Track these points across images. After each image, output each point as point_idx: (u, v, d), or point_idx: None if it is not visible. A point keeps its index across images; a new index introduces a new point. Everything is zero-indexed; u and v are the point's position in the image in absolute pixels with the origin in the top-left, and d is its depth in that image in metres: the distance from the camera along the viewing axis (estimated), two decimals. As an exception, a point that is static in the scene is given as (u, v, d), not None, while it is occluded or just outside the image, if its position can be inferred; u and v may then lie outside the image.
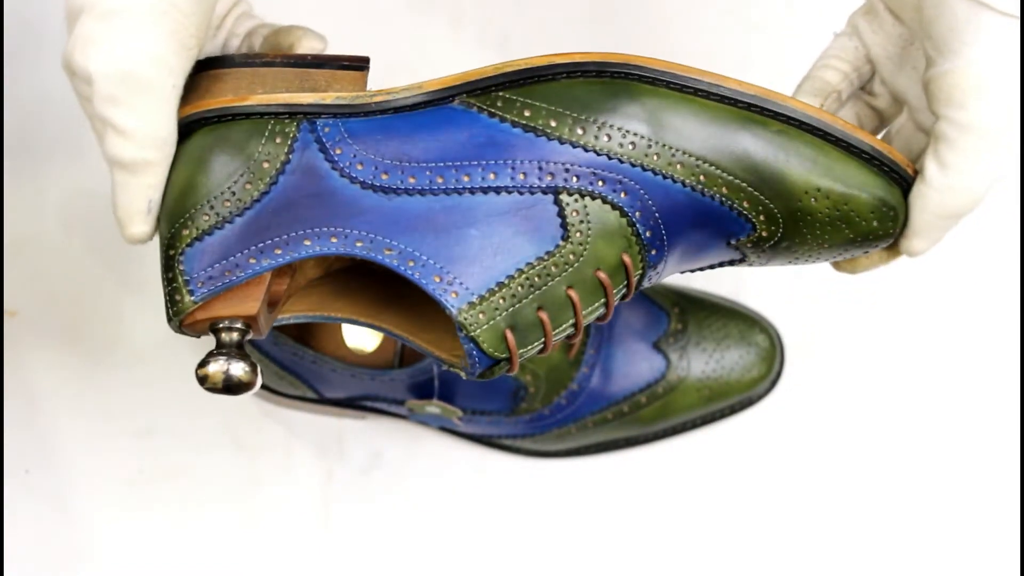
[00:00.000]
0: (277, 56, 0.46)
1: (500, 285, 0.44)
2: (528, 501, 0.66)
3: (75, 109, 0.49)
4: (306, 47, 0.48)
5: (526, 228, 0.44)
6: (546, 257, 0.44)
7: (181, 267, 0.43)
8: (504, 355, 0.44)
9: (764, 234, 0.45)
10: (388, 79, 0.72)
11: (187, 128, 0.45)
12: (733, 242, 0.46)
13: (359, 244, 0.43)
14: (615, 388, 0.63)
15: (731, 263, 0.48)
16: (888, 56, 0.49)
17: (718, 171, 0.44)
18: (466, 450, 0.67)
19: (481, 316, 0.44)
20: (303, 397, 0.65)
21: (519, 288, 0.44)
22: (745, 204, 0.44)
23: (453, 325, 0.46)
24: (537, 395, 0.62)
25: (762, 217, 0.45)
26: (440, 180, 0.44)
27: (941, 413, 0.67)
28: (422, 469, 0.66)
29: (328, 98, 0.45)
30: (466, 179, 0.44)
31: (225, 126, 0.44)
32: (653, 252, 0.45)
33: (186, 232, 0.43)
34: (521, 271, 0.44)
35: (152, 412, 0.67)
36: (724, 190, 0.44)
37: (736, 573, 0.65)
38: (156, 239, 0.46)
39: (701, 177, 0.44)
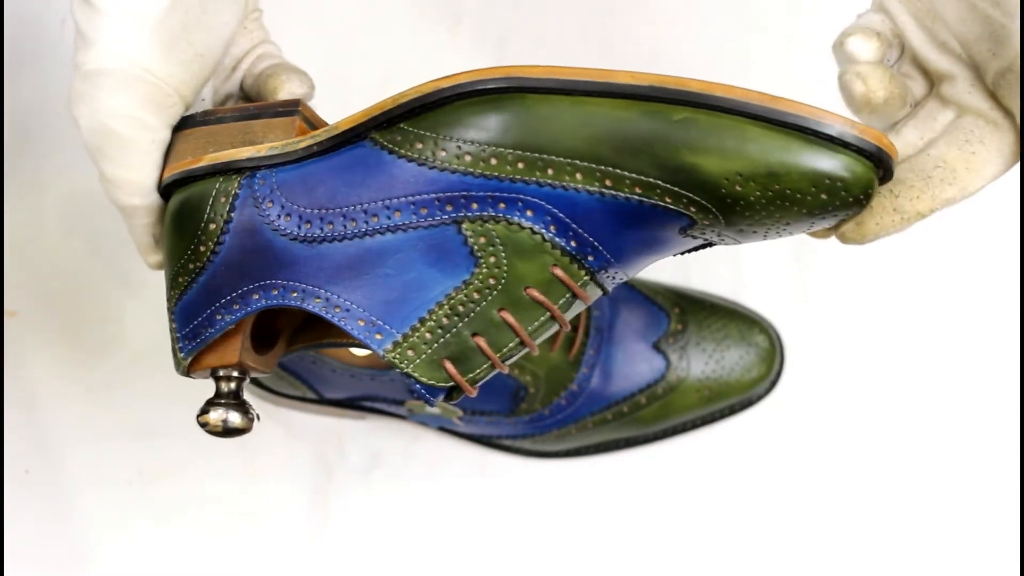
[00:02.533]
0: (228, 110, 0.48)
1: (422, 320, 0.44)
2: (528, 501, 0.66)
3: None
4: (286, 92, 0.49)
5: (437, 261, 0.44)
6: (463, 286, 0.44)
7: (174, 325, 0.47)
8: (450, 383, 0.45)
9: (706, 222, 0.42)
10: (388, 80, 0.73)
11: (166, 192, 0.48)
12: (685, 232, 0.43)
13: (294, 295, 0.44)
14: (615, 388, 0.63)
15: (703, 247, 0.46)
16: (918, 28, 0.46)
17: (623, 172, 0.42)
18: (466, 450, 0.67)
19: (410, 353, 0.44)
20: (303, 397, 0.65)
21: (444, 320, 0.44)
22: (667, 199, 0.42)
23: None
24: (537, 395, 0.62)
25: (692, 208, 0.42)
26: (352, 224, 0.44)
27: (941, 413, 0.67)
28: (422, 469, 0.66)
29: (263, 150, 0.46)
30: (375, 220, 0.44)
31: (187, 188, 0.46)
32: (590, 259, 0.44)
33: (173, 292, 0.47)
34: (441, 304, 0.44)
35: (152, 412, 0.67)
36: (637, 190, 0.42)
37: (736, 573, 0.65)
38: None
39: (607, 182, 0.42)
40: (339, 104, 0.58)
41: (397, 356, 0.44)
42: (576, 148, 0.42)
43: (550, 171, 0.42)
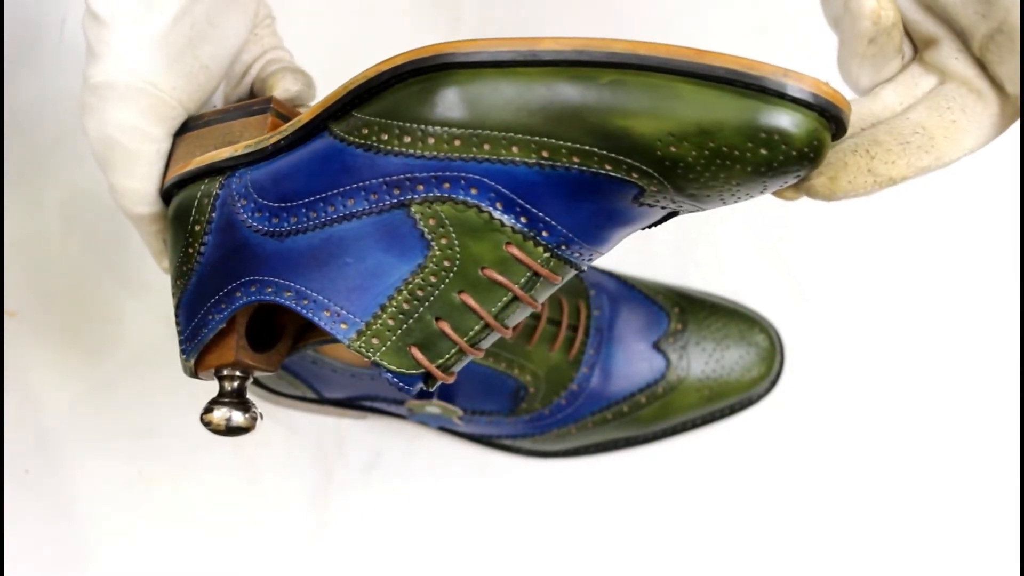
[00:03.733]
0: (211, 113, 0.48)
1: (383, 307, 0.44)
2: (528, 501, 0.66)
3: (75, 110, 0.49)
4: (280, 90, 0.50)
5: (391, 246, 0.44)
6: (418, 270, 0.44)
7: (179, 327, 0.47)
8: (420, 371, 0.45)
9: (653, 189, 0.41)
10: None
11: (166, 197, 0.49)
12: (639, 200, 0.42)
13: (269, 289, 0.45)
14: (615, 388, 0.63)
15: (669, 216, 0.44)
16: None
17: (558, 142, 0.40)
18: (466, 450, 0.67)
19: (375, 341, 0.44)
20: (303, 397, 0.65)
21: (404, 305, 0.44)
22: (607, 167, 0.40)
23: None
24: (537, 395, 0.62)
25: (635, 175, 0.40)
26: (313, 215, 0.44)
27: (941, 413, 0.67)
28: (422, 469, 0.67)
29: (239, 149, 0.46)
30: (332, 209, 0.44)
31: (179, 193, 0.48)
32: (544, 234, 0.43)
33: (175, 295, 0.48)
34: (399, 289, 0.44)
35: (152, 412, 0.67)
36: (576, 159, 0.41)
37: (736, 573, 0.65)
38: None
39: (544, 153, 0.41)
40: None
41: (363, 345, 0.44)
42: (508, 121, 0.41)
43: (486, 146, 0.41)
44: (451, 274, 0.43)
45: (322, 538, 0.65)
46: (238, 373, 0.47)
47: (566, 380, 0.62)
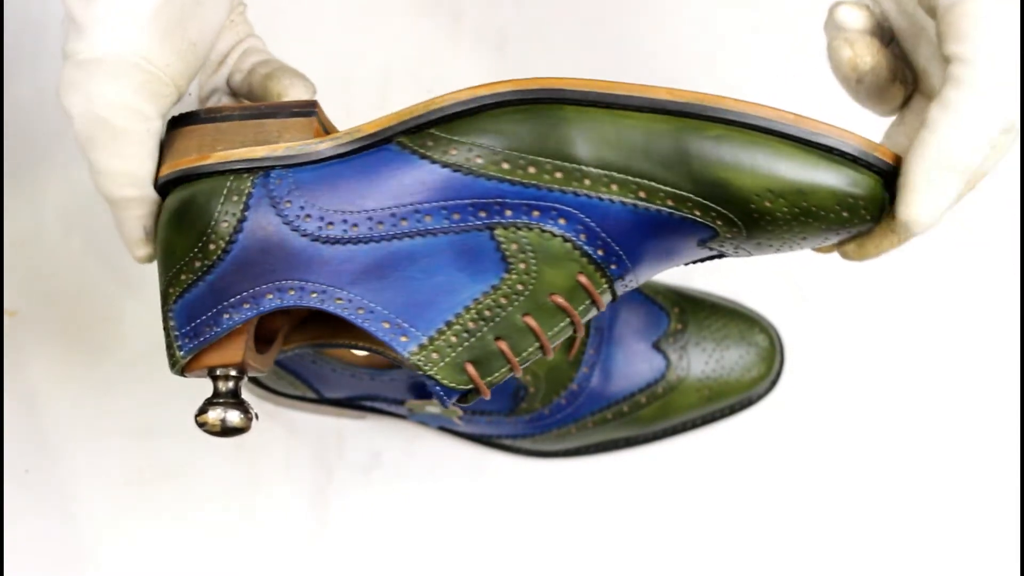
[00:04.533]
0: (235, 108, 0.47)
1: (448, 324, 0.44)
2: (528, 501, 0.66)
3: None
4: (294, 96, 0.49)
5: (467, 266, 0.44)
6: (491, 291, 0.44)
7: (172, 322, 0.46)
8: (469, 386, 0.45)
9: (728, 235, 0.44)
10: (388, 80, 0.73)
11: (166, 187, 0.47)
12: (703, 243, 0.45)
13: (313, 296, 0.44)
14: (615, 388, 0.63)
15: (712, 259, 0.47)
16: (900, 12, 0.46)
17: (658, 185, 0.43)
18: (466, 450, 0.67)
19: (434, 355, 0.45)
20: (303, 397, 0.65)
21: (470, 324, 0.45)
22: (696, 212, 0.43)
23: None
24: (537, 395, 0.62)
25: (719, 222, 0.43)
26: (381, 227, 0.44)
27: (941, 413, 0.67)
28: (422, 469, 0.67)
29: (279, 149, 0.45)
30: (404, 224, 0.44)
31: (192, 185, 0.46)
32: (613, 267, 0.45)
33: (172, 290, 0.46)
34: (468, 308, 0.44)
35: (152, 412, 0.67)
36: (670, 202, 0.43)
37: (736, 573, 0.65)
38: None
39: (641, 193, 0.43)
40: (339, 104, 0.58)
41: (422, 359, 0.44)
42: (613, 160, 0.43)
43: (587, 181, 0.43)
44: (521, 298, 0.44)
45: (322, 538, 0.65)
46: (232, 373, 0.46)
47: (566, 380, 0.62)
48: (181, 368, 0.46)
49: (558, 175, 0.43)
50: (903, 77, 0.47)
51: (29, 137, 0.70)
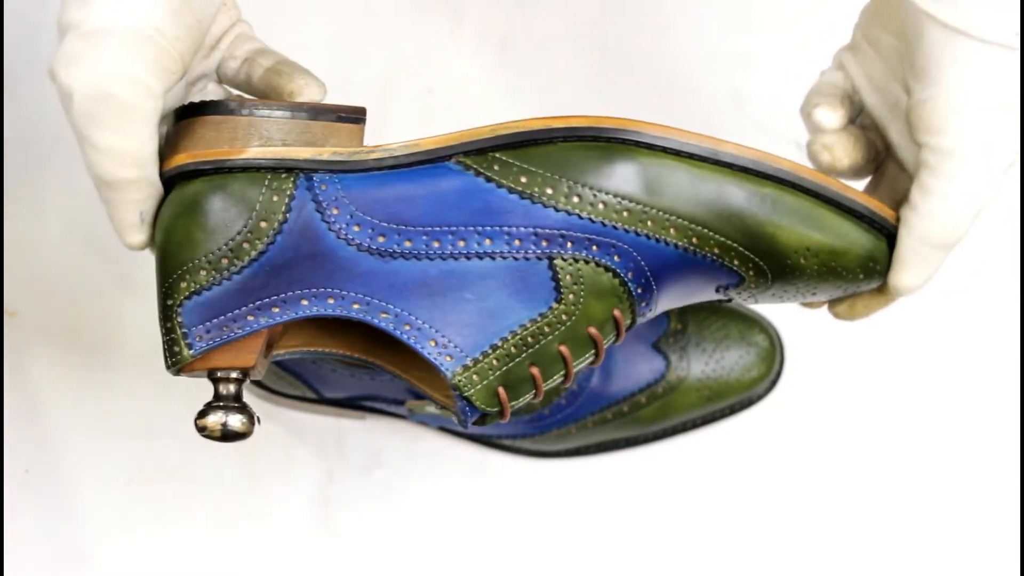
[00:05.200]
0: (274, 104, 0.45)
1: (493, 347, 0.45)
2: (528, 501, 0.66)
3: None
4: (308, 96, 0.47)
5: (520, 292, 0.44)
6: (539, 319, 0.45)
7: (179, 319, 0.44)
8: (496, 408, 0.45)
9: (752, 285, 0.47)
10: (388, 80, 0.73)
11: (183, 176, 0.44)
12: (721, 288, 0.47)
13: (356, 307, 0.44)
14: (615, 388, 0.63)
15: (717, 301, 0.49)
16: (871, 89, 0.49)
17: (710, 233, 0.45)
18: (466, 450, 0.67)
19: (475, 377, 0.45)
20: (303, 397, 0.65)
21: (512, 348, 0.45)
22: (735, 261, 0.46)
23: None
24: (537, 395, 0.62)
25: (751, 272, 0.46)
26: (436, 245, 0.44)
27: (941, 413, 0.67)
28: (422, 469, 0.66)
29: (325, 153, 0.44)
30: (462, 244, 0.44)
31: (221, 178, 0.44)
32: (643, 304, 0.46)
33: (184, 285, 0.44)
34: (515, 333, 0.45)
35: (152, 412, 0.67)
36: (716, 250, 0.45)
37: (736, 573, 0.65)
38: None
39: (694, 239, 0.45)
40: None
41: (463, 380, 0.44)
42: (676, 206, 0.44)
43: (650, 223, 0.44)
44: (563, 327, 0.45)
45: (322, 538, 0.65)
46: (234, 375, 0.45)
47: (566, 380, 0.62)
48: (180, 367, 0.44)
49: (625, 214, 0.44)
50: (875, 155, 0.50)
51: (29, 138, 0.70)
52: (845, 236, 0.46)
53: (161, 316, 0.44)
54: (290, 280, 0.44)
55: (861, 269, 0.47)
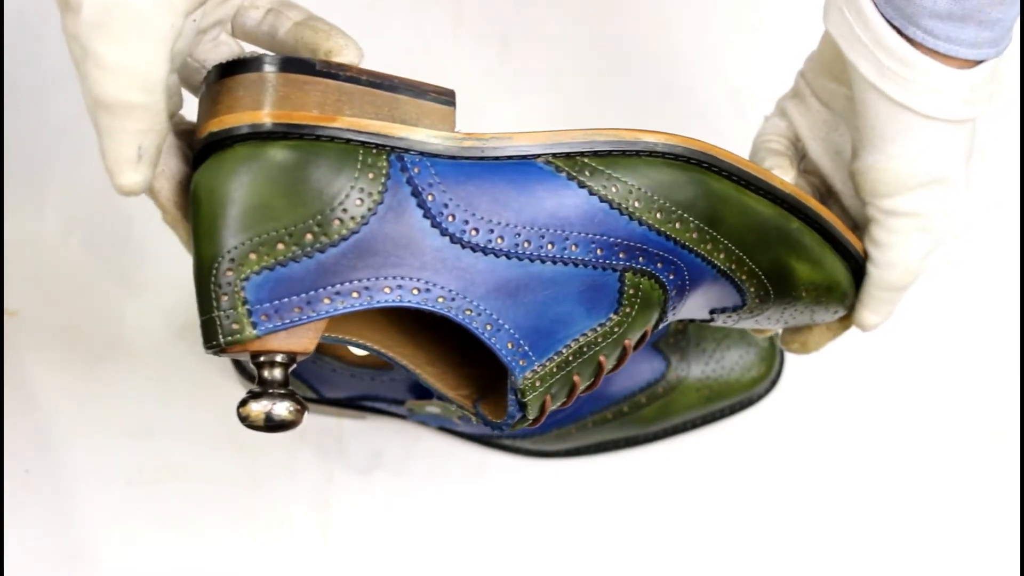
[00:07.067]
0: (362, 72, 0.42)
1: (557, 354, 0.44)
2: (528, 501, 0.66)
3: (75, 109, 0.49)
4: (347, 59, 0.43)
5: (586, 300, 0.44)
6: (597, 328, 0.44)
7: (243, 294, 0.39)
8: (537, 415, 0.45)
9: (747, 312, 0.48)
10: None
11: (268, 135, 0.40)
12: (717, 311, 0.48)
13: (440, 300, 0.41)
14: (615, 388, 0.63)
15: (704, 321, 0.50)
16: (814, 138, 0.51)
17: (747, 260, 0.46)
18: (466, 450, 0.67)
19: (538, 383, 0.44)
20: (303, 397, 0.65)
21: (569, 356, 0.44)
22: (752, 288, 0.47)
23: (458, 362, 0.47)
24: (537, 395, 0.62)
25: (757, 300, 0.48)
26: (527, 245, 0.43)
27: (941, 413, 0.67)
28: (422, 469, 0.67)
29: (418, 132, 0.41)
30: (550, 247, 0.43)
31: (311, 146, 0.40)
32: (668, 316, 0.47)
33: (254, 256, 0.39)
34: (576, 340, 0.44)
35: (152, 412, 0.67)
36: (744, 275, 0.46)
37: (736, 573, 0.65)
38: (174, 234, 0.44)
39: (733, 264, 0.46)
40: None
41: (527, 384, 0.43)
42: (732, 231, 0.45)
43: (708, 245, 0.45)
44: (612, 338, 0.45)
45: (322, 538, 0.65)
46: (279, 359, 0.40)
47: (566, 380, 0.62)
48: (222, 348, 0.39)
49: (694, 235, 0.45)
50: (820, 199, 0.52)
51: (30, 137, 0.70)
52: (836, 274, 0.48)
53: (212, 288, 0.39)
54: (377, 265, 0.40)
55: (839, 304, 0.50)
